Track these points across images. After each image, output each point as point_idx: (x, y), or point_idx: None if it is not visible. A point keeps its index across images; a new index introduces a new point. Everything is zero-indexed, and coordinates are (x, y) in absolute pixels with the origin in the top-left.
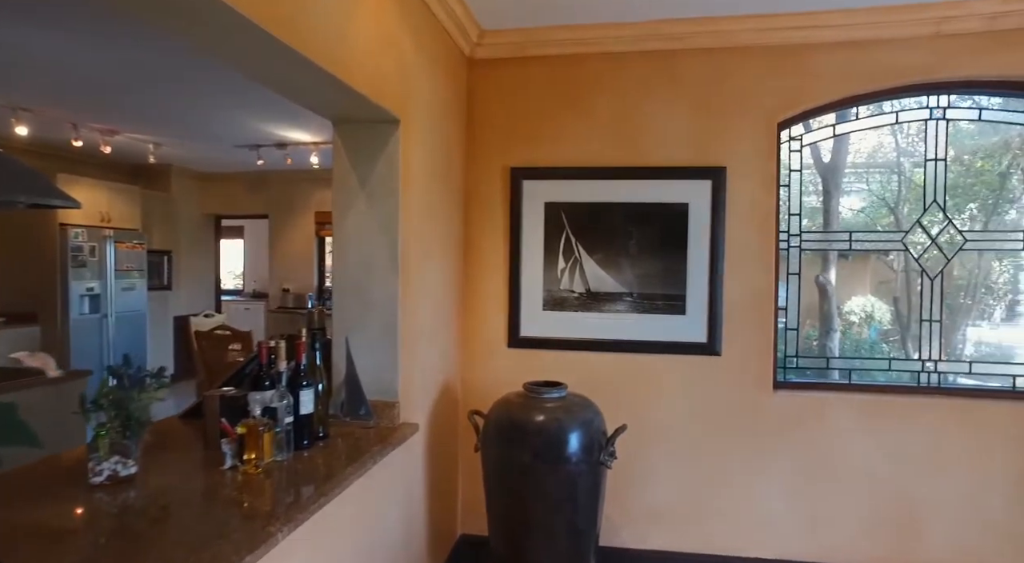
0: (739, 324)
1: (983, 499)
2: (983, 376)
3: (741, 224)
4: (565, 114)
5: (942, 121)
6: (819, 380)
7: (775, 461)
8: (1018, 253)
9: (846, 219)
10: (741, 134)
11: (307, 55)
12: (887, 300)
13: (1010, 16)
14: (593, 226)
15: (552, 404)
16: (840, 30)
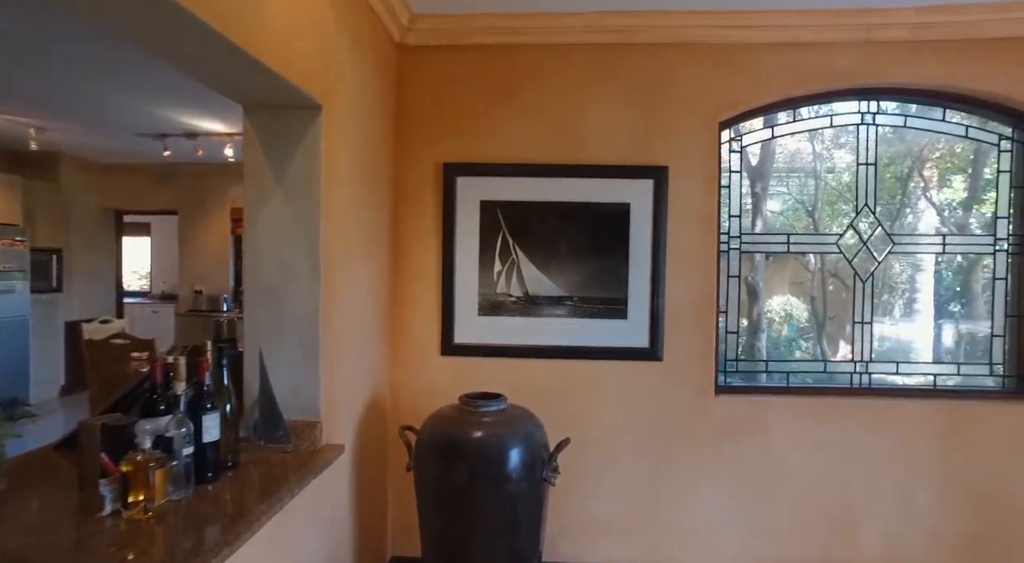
0: (681, 328)
1: (911, 496)
2: (908, 375)
3: (683, 225)
4: (503, 107)
5: (871, 126)
6: (758, 384)
7: (718, 466)
8: (929, 254)
9: (771, 221)
10: (684, 133)
11: (217, 28)
12: (804, 299)
13: (930, 28)
14: (531, 226)
15: (490, 418)
16: (779, 31)
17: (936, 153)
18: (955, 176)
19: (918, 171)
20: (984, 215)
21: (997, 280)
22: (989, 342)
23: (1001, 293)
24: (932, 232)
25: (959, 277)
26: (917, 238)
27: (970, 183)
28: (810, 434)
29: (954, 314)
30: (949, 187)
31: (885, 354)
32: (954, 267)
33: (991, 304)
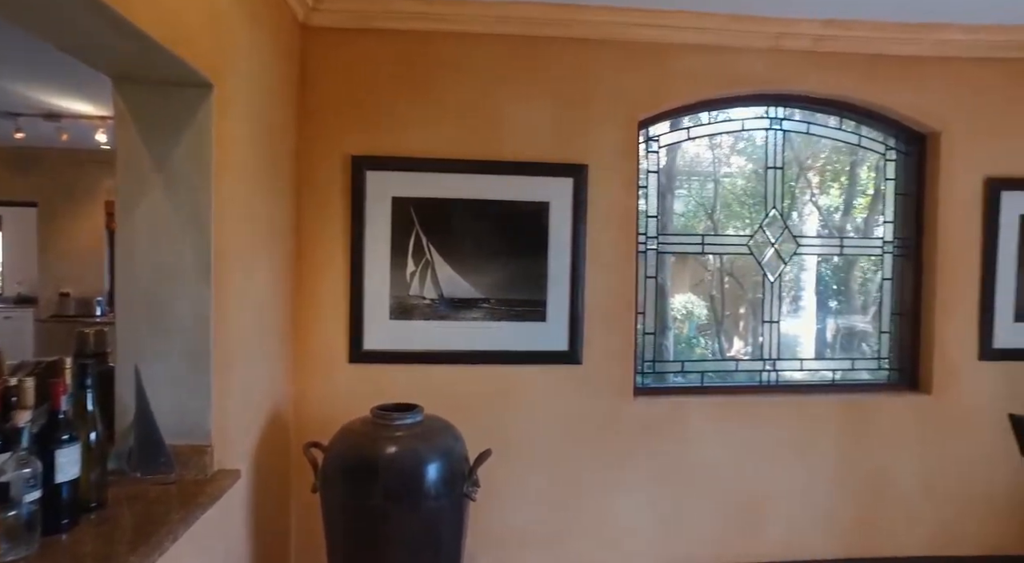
0: (600, 330)
1: (811, 487)
2: (810, 371)
3: (603, 225)
4: (417, 98)
5: (779, 131)
6: (675, 385)
7: (637, 469)
8: (834, 256)
9: (676, 222)
10: (603, 131)
11: None
12: (704, 297)
13: (829, 40)
14: (447, 225)
15: (406, 431)
16: (696, 33)
17: (819, 161)
18: (835, 183)
19: (805, 177)
20: (859, 219)
21: (885, 280)
22: (877, 338)
23: (887, 292)
24: (825, 235)
25: (838, 276)
26: (817, 241)
27: (848, 190)
28: (723, 432)
29: (848, 311)
30: (827, 193)
31: (784, 351)
32: (832, 266)
33: (879, 303)
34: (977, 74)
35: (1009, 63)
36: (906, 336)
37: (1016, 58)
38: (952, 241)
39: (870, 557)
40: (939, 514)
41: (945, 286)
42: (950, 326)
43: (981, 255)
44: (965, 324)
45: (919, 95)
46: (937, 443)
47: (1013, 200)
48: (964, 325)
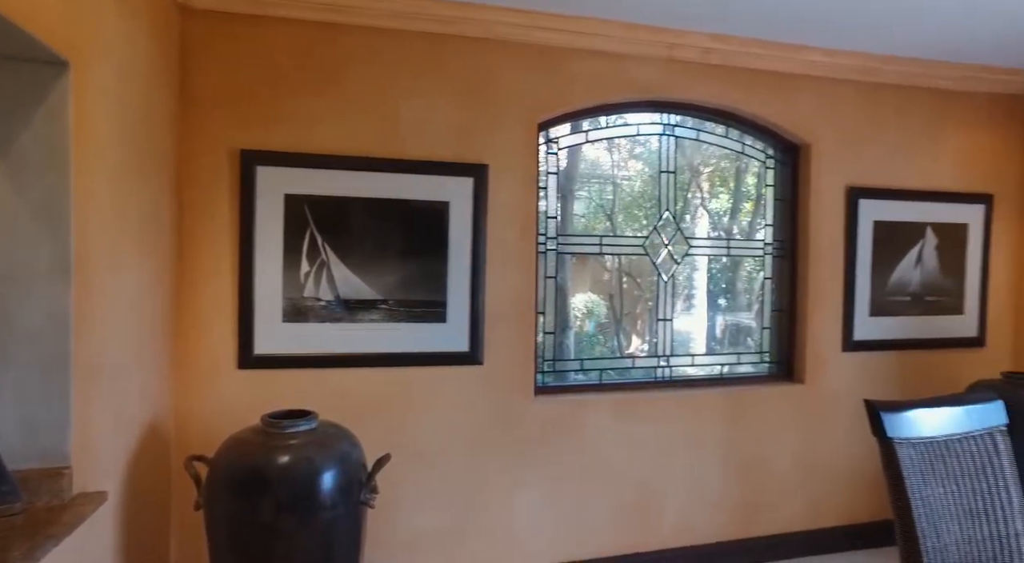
0: (501, 330)
1: (700, 476)
2: (701, 366)
3: (503, 225)
4: (311, 92)
5: (672, 137)
6: (576, 383)
7: (538, 468)
8: (718, 256)
9: (576, 223)
10: (504, 132)
11: None
12: (603, 297)
13: (715, 54)
14: (343, 224)
15: (299, 439)
16: (595, 39)
17: (709, 167)
18: (722, 188)
19: (696, 181)
20: (743, 222)
21: (766, 279)
22: (759, 333)
23: (768, 290)
24: (714, 236)
25: (726, 276)
26: (706, 242)
27: (734, 194)
28: (621, 427)
29: (735, 308)
30: (717, 198)
31: (679, 347)
32: (721, 266)
33: (761, 301)
34: (839, 93)
35: (863, 85)
36: (783, 331)
37: (868, 81)
38: (821, 243)
39: (753, 536)
40: (811, 491)
41: (815, 285)
42: (819, 321)
43: (844, 256)
44: (831, 319)
45: (792, 109)
46: (808, 427)
47: (868, 207)
48: (830, 320)
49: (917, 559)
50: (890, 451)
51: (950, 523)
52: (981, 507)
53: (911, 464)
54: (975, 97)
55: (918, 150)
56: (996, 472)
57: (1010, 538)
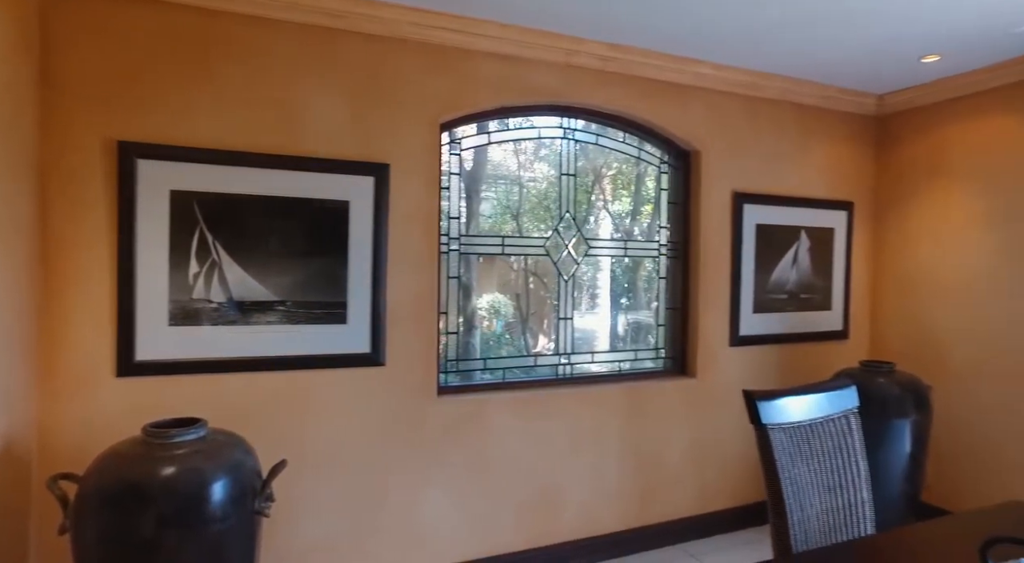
0: (403, 331)
1: (600, 469)
2: (602, 363)
3: (405, 225)
4: (201, 81)
5: (571, 141)
6: (478, 382)
7: (442, 468)
8: (615, 257)
9: (482, 224)
10: (405, 131)
11: None
12: (510, 297)
13: (613, 62)
14: (237, 223)
15: (186, 449)
16: (496, 42)
17: (611, 171)
18: (623, 191)
19: (599, 184)
20: (643, 224)
21: (661, 278)
22: (655, 330)
23: (662, 289)
24: (619, 238)
25: (628, 276)
26: (605, 243)
27: (634, 197)
28: (524, 424)
29: (633, 307)
30: (620, 200)
31: (578, 344)
32: (623, 267)
33: (650, 298)
34: (726, 105)
35: (746, 98)
36: (677, 328)
37: (751, 95)
38: (710, 245)
39: (650, 523)
40: (702, 477)
41: (705, 284)
42: (709, 318)
43: (730, 257)
44: (719, 316)
45: (684, 118)
46: (699, 418)
47: (752, 211)
48: (719, 317)
49: (785, 531)
50: (764, 436)
51: (812, 497)
52: (837, 481)
53: (782, 447)
54: (836, 115)
55: (791, 160)
56: (849, 449)
57: (859, 505)
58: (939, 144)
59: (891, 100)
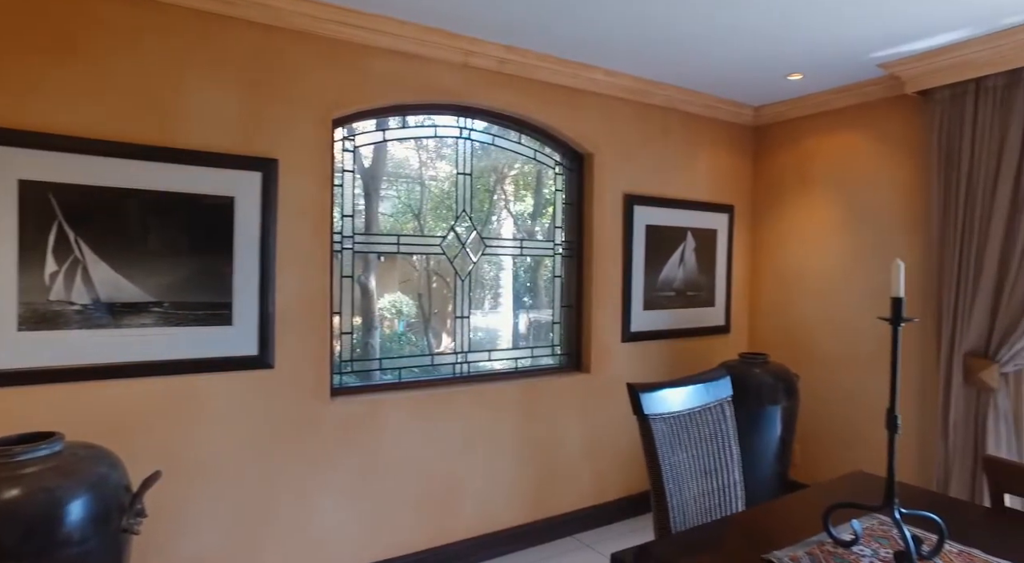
0: (294, 331)
1: (501, 465)
2: (499, 360)
3: (295, 223)
4: (63, 62)
5: (468, 140)
6: (374, 383)
7: (336, 472)
8: (515, 256)
9: (382, 222)
10: (296, 125)
11: None
12: (412, 296)
13: (510, 64)
14: (105, 218)
15: (37, 467)
16: (393, 38)
17: (513, 171)
18: (525, 192)
19: (500, 185)
20: (545, 224)
21: (556, 277)
22: (551, 328)
23: (558, 288)
24: (515, 237)
25: (529, 274)
26: (502, 242)
27: (535, 198)
28: (421, 424)
29: (525, 305)
30: (522, 201)
31: (479, 343)
32: (524, 266)
33: (551, 297)
34: (618, 110)
35: (637, 105)
36: (572, 325)
37: (642, 102)
38: (603, 245)
39: (548, 516)
40: (597, 469)
41: (598, 282)
42: (602, 315)
43: (622, 257)
44: (612, 313)
45: (578, 122)
46: (594, 412)
47: (642, 213)
48: (611, 314)
49: (665, 514)
50: (646, 426)
51: (690, 482)
52: (712, 465)
53: (662, 436)
54: (718, 123)
55: (678, 164)
56: (723, 435)
57: (731, 487)
58: (806, 154)
59: (765, 112)
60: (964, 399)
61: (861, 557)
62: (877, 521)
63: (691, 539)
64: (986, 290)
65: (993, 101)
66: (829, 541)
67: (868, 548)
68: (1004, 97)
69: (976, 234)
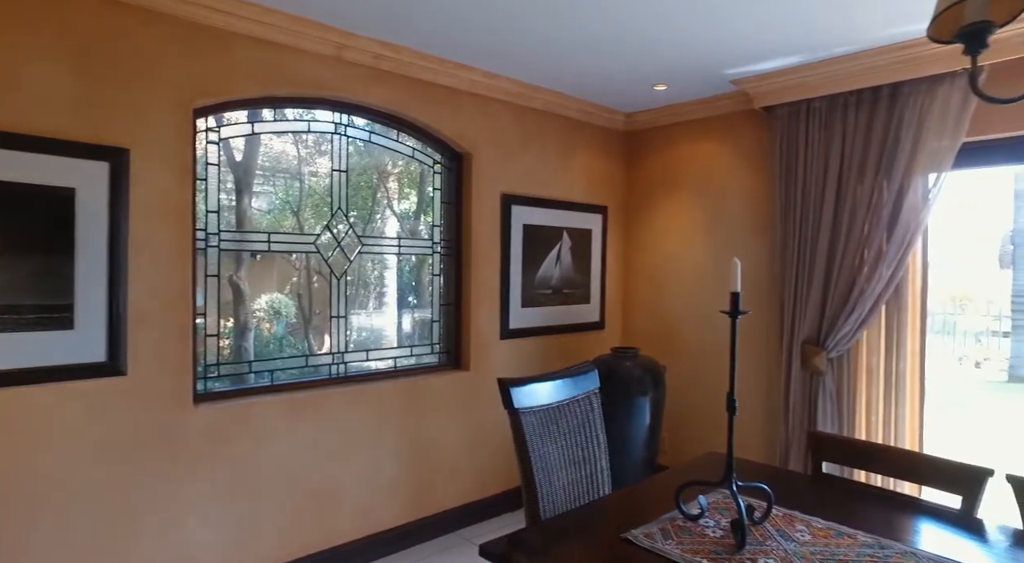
0: (150, 335)
1: (381, 466)
2: (378, 360)
3: (151, 218)
4: None
5: (344, 137)
6: (242, 386)
7: (205, 481)
8: (392, 255)
9: (256, 219)
10: (150, 114)
11: None
12: (292, 296)
13: (387, 61)
14: None
15: None
16: (261, 27)
17: (397, 169)
18: (410, 190)
19: (383, 183)
20: (428, 223)
21: (435, 276)
22: (430, 326)
23: (438, 286)
24: (395, 236)
25: (413, 274)
26: (380, 240)
27: (419, 197)
28: (297, 428)
29: (410, 304)
30: (407, 199)
31: (363, 343)
32: (409, 265)
33: (431, 295)
34: (496, 111)
35: (515, 107)
36: (452, 323)
37: (520, 105)
38: (481, 243)
39: (431, 514)
40: (478, 465)
41: (477, 280)
42: (481, 313)
43: (500, 255)
44: (491, 311)
45: (457, 121)
46: (474, 409)
47: (519, 212)
48: (490, 311)
49: (535, 503)
50: (517, 420)
51: (560, 472)
52: (581, 455)
53: (532, 429)
54: (594, 128)
55: (555, 166)
56: (591, 426)
57: (598, 474)
58: (673, 160)
59: (636, 118)
60: (801, 382)
61: (706, 528)
62: (722, 495)
63: (557, 525)
64: (817, 287)
65: (819, 121)
66: (680, 516)
67: (712, 520)
68: (827, 119)
69: (809, 237)
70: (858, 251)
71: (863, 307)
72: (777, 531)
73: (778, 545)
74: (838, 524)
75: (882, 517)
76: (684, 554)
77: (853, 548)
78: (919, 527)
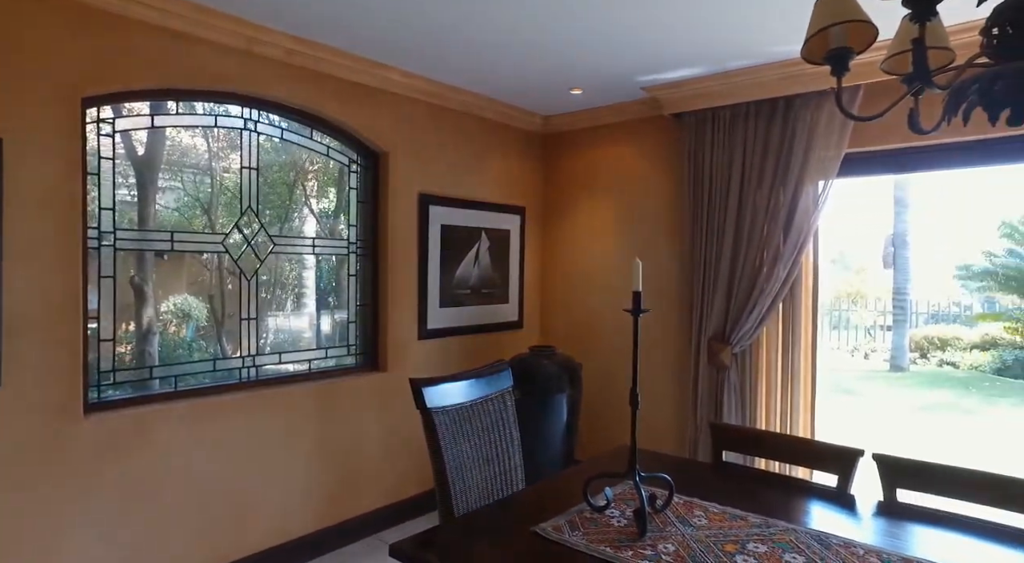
0: (30, 341)
1: (295, 471)
2: (292, 363)
3: (31, 214)
4: None
5: (254, 133)
6: (141, 393)
7: (99, 496)
8: (306, 255)
9: (163, 217)
10: (31, 101)
11: None
12: (203, 298)
13: (299, 56)
14: None
15: None
16: (161, 14)
17: (316, 167)
18: (329, 189)
19: (301, 181)
20: (350, 223)
21: (351, 276)
22: (346, 327)
23: (354, 287)
24: (310, 236)
25: (331, 274)
26: (294, 240)
27: (338, 196)
28: (203, 435)
29: (330, 305)
30: (325, 198)
31: (281, 345)
32: (329, 265)
33: (347, 296)
34: (413, 111)
35: (432, 107)
36: (368, 324)
37: (438, 105)
38: (398, 243)
39: (350, 518)
40: (395, 467)
41: (394, 281)
42: (398, 313)
43: (417, 255)
44: (408, 311)
45: (374, 120)
46: (391, 410)
47: (437, 212)
48: (408, 312)
49: (448, 501)
50: (429, 419)
51: (473, 470)
52: (494, 453)
53: (445, 428)
54: (512, 130)
55: (473, 167)
56: (505, 424)
57: (512, 471)
58: (590, 163)
59: (553, 121)
60: (708, 377)
61: (611, 518)
62: (628, 486)
63: (469, 522)
64: (722, 286)
65: (724, 128)
66: (588, 508)
67: (617, 510)
68: (730, 127)
69: (715, 239)
70: (759, 252)
71: (763, 305)
72: (677, 517)
73: (677, 530)
74: (732, 508)
75: (772, 499)
76: (590, 544)
77: (744, 529)
78: (804, 506)
